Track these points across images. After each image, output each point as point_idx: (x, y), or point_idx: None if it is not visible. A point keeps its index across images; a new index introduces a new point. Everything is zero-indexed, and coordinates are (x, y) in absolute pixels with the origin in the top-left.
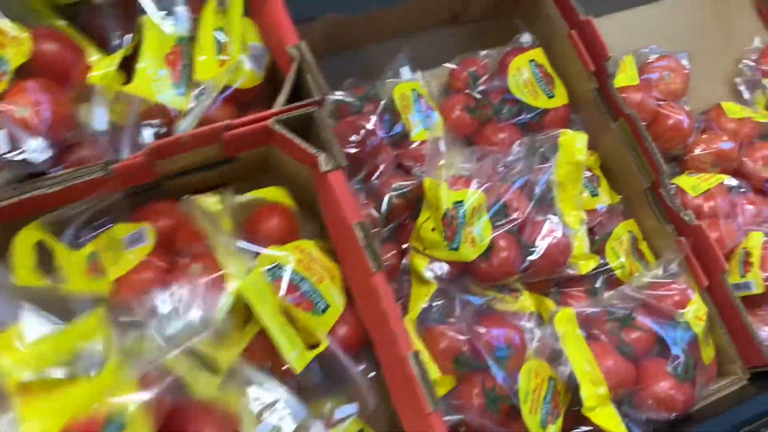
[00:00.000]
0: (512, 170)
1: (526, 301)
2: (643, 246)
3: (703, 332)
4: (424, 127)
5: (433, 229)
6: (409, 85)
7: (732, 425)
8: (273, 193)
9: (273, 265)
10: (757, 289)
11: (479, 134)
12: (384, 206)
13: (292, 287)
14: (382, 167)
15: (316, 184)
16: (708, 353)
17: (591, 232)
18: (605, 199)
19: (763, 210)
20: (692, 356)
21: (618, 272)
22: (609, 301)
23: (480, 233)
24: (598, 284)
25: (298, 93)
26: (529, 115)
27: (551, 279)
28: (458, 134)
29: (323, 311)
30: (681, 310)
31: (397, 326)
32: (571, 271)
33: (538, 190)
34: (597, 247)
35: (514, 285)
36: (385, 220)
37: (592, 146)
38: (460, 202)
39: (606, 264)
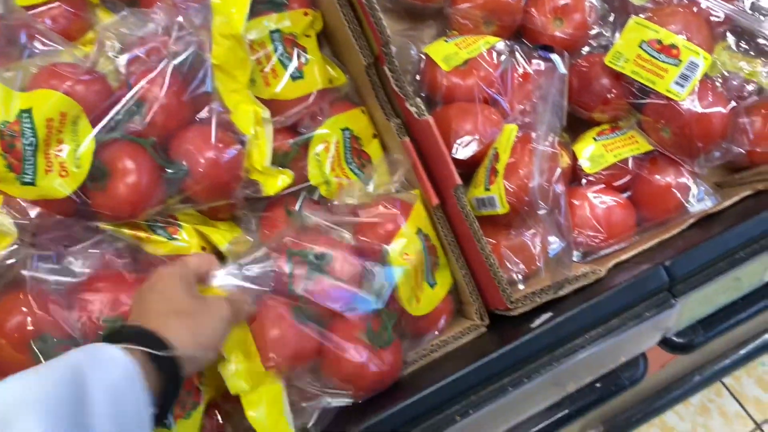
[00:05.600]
0: (155, 48)
1: (186, 238)
2: (372, 148)
3: (408, 274)
4: None
5: (1, 155)
6: None
7: (458, 391)
8: None
9: None
10: (501, 208)
11: None
12: None
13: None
14: None
15: None
16: (424, 300)
17: (295, 131)
18: (316, 81)
19: (538, 87)
20: (393, 312)
21: (322, 189)
22: (304, 234)
23: (78, 154)
24: (298, 206)
25: None
26: None
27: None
28: None
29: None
30: (388, 247)
31: None
32: (250, 192)
33: (184, 75)
34: (294, 154)
35: (171, 215)
36: None
37: (314, 4)
38: (28, 110)
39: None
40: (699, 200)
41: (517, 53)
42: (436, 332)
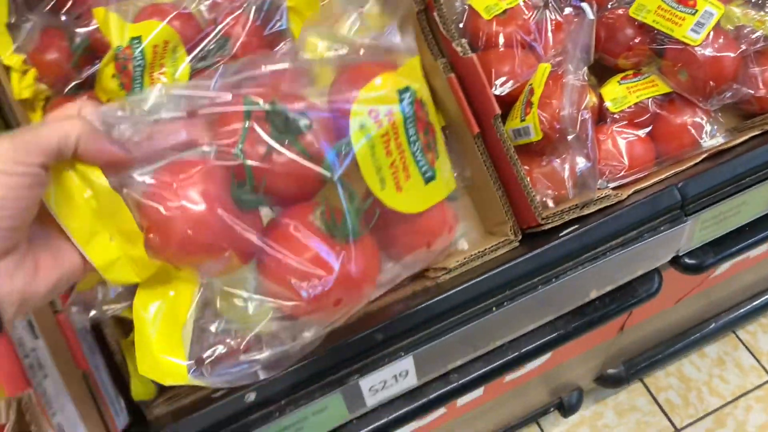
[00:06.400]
0: None
1: None
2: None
3: (374, 142)
4: None
5: (114, 75)
6: None
7: (494, 285)
8: None
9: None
10: (535, 135)
11: None
12: (74, 45)
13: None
14: None
15: None
16: (410, 191)
17: None
18: (373, 26)
19: (569, 31)
20: (358, 196)
21: None
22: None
23: (176, 76)
24: None
25: None
26: None
27: None
28: None
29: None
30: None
31: None
32: None
33: (264, 15)
34: None
35: None
36: (77, 65)
37: None
38: (138, 38)
39: None
40: (712, 137)
41: (551, 4)
42: (429, 248)
